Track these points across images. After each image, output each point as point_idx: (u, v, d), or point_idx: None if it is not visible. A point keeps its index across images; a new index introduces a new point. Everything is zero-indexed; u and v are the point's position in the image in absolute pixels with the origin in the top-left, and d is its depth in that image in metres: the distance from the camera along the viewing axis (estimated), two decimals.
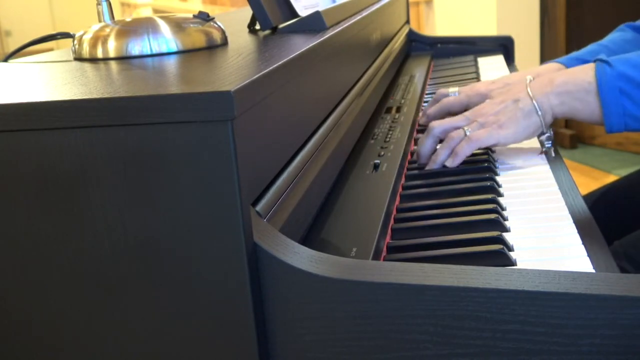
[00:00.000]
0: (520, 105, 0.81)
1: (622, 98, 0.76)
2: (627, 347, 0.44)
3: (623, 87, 0.76)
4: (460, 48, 1.67)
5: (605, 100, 0.77)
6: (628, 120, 0.77)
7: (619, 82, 0.76)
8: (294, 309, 0.48)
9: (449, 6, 3.36)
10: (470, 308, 0.45)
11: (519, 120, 0.81)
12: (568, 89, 0.80)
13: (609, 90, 0.77)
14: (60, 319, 0.51)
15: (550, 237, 0.64)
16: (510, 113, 0.82)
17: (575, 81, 0.80)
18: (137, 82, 0.52)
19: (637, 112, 0.76)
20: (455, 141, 0.83)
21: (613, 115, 0.77)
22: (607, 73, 0.77)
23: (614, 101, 0.77)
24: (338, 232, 0.62)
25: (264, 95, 0.52)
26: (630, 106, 0.76)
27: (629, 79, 0.76)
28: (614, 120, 0.78)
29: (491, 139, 0.81)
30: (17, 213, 0.49)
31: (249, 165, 0.47)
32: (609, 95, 0.77)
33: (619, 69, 0.77)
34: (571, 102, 0.80)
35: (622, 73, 0.77)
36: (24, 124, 0.48)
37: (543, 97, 0.81)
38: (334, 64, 0.79)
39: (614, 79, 0.77)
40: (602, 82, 0.77)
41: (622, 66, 0.77)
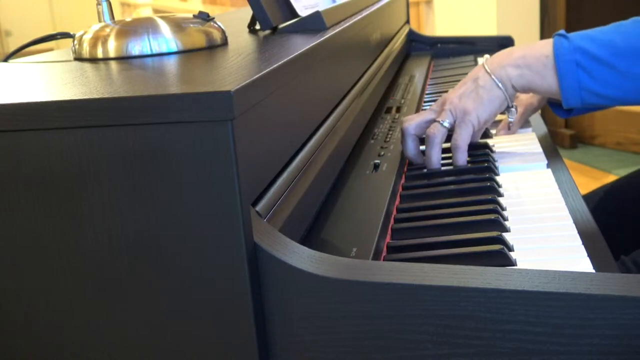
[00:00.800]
0: (480, 82, 0.82)
1: (579, 71, 0.76)
2: (627, 347, 0.44)
3: (579, 61, 0.76)
4: (460, 48, 1.67)
5: (562, 73, 0.77)
6: (584, 94, 0.77)
7: (576, 55, 0.76)
8: (294, 309, 0.48)
9: (449, 6, 3.36)
10: (470, 308, 0.45)
11: (482, 97, 0.81)
12: (526, 62, 0.80)
13: (566, 63, 0.77)
14: (60, 319, 0.51)
15: (550, 237, 0.64)
16: (473, 93, 0.82)
17: (533, 54, 0.80)
18: (137, 82, 0.52)
19: (593, 86, 0.76)
20: (437, 137, 0.82)
21: (569, 89, 0.77)
22: (564, 46, 0.77)
23: (570, 74, 0.77)
24: (338, 232, 0.62)
25: (264, 95, 0.52)
26: (587, 79, 0.76)
27: (586, 52, 0.76)
28: (570, 94, 0.77)
29: (467, 130, 0.82)
30: (17, 213, 0.49)
31: (249, 165, 0.47)
32: (566, 68, 0.77)
33: (576, 43, 0.77)
34: (529, 75, 0.80)
35: (579, 47, 0.76)
36: (24, 124, 0.48)
37: (501, 70, 0.81)
38: (334, 64, 0.79)
39: (571, 52, 0.76)
40: (558, 55, 0.77)
41: (579, 40, 0.77)
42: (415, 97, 1.16)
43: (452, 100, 0.83)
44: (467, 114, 0.81)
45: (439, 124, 0.83)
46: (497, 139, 0.97)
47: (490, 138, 0.97)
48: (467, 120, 0.82)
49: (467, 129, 0.82)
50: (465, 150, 0.83)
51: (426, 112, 0.86)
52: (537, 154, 0.88)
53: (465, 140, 0.82)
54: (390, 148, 0.86)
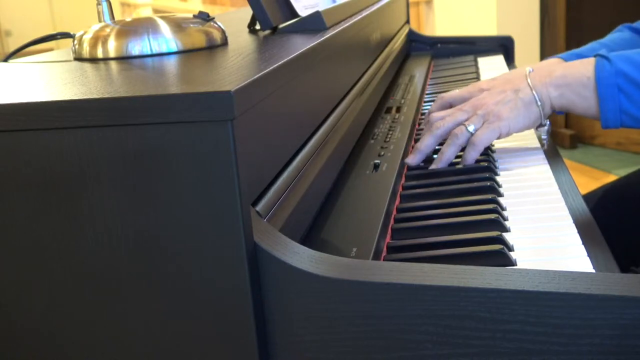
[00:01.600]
0: (520, 95, 0.81)
1: (620, 95, 0.77)
2: (627, 347, 0.44)
3: (621, 85, 0.76)
4: (460, 48, 1.67)
5: (603, 97, 0.77)
6: (624, 117, 0.77)
7: (618, 79, 0.77)
8: (294, 309, 0.48)
9: (449, 6, 3.36)
10: (470, 308, 0.45)
11: (519, 109, 0.81)
12: (567, 82, 0.80)
13: (607, 86, 0.77)
14: (60, 319, 0.51)
15: (550, 237, 0.64)
16: (511, 103, 0.82)
17: (574, 75, 0.80)
18: (137, 82, 0.52)
19: (633, 111, 0.77)
20: (459, 139, 0.82)
21: (609, 111, 0.78)
22: (606, 69, 0.77)
23: (611, 98, 0.77)
24: (338, 232, 0.62)
25: (264, 95, 0.52)
26: (627, 104, 0.77)
27: (628, 77, 0.76)
28: (610, 117, 0.78)
29: (493, 133, 0.81)
30: (17, 213, 0.49)
31: (249, 165, 0.47)
32: (607, 92, 0.77)
33: (618, 66, 0.77)
34: (569, 95, 0.80)
35: (620, 70, 0.77)
36: (24, 124, 0.48)
37: (542, 87, 0.81)
38: (334, 64, 0.79)
39: (613, 76, 0.77)
40: (600, 78, 0.77)
41: (621, 63, 0.77)
42: (415, 97, 1.16)
43: (488, 106, 0.83)
44: (500, 120, 0.81)
45: (465, 127, 0.82)
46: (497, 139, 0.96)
47: None
48: (497, 126, 0.81)
49: (492, 133, 0.81)
50: (480, 151, 0.82)
51: (458, 114, 0.85)
52: (537, 154, 0.88)
53: (486, 142, 0.82)
54: (390, 148, 0.86)
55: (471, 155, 0.82)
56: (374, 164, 0.80)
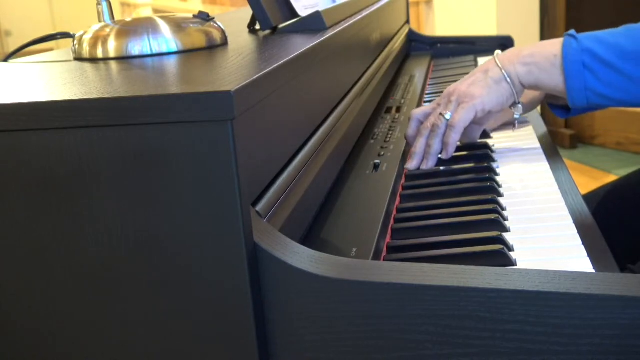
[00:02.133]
0: (489, 74, 0.83)
1: (585, 72, 0.77)
2: (627, 347, 0.44)
3: (586, 62, 0.77)
4: (460, 48, 1.67)
5: (569, 73, 0.78)
6: (589, 94, 0.78)
7: (583, 56, 0.77)
8: (294, 309, 0.48)
9: (449, 6, 3.36)
10: (470, 308, 0.45)
11: (490, 87, 0.83)
12: (535, 60, 0.81)
13: (573, 63, 0.78)
14: (60, 319, 0.51)
15: (550, 237, 0.64)
16: (482, 82, 0.83)
17: (542, 53, 0.81)
18: (137, 82, 0.52)
19: (598, 87, 0.77)
20: (440, 129, 0.83)
21: (575, 89, 0.78)
22: (573, 47, 0.78)
23: (577, 75, 0.78)
24: (338, 232, 0.62)
25: (264, 95, 0.52)
26: (592, 81, 0.77)
27: (593, 54, 0.77)
28: (576, 94, 0.79)
29: (469, 112, 0.82)
30: (17, 213, 0.49)
31: (249, 165, 0.47)
32: (572, 69, 0.78)
33: (584, 44, 0.78)
34: (537, 73, 0.81)
35: (587, 48, 0.77)
36: (24, 124, 0.48)
37: (510, 66, 0.83)
38: (334, 64, 0.79)
39: (579, 53, 0.78)
40: (566, 55, 0.78)
41: (588, 41, 0.78)
42: (415, 97, 1.16)
43: (460, 89, 0.84)
44: (474, 99, 0.82)
45: (443, 116, 0.83)
46: (497, 139, 0.97)
47: (490, 138, 0.97)
48: (471, 105, 0.82)
49: (468, 112, 0.82)
50: (460, 131, 0.82)
51: (433, 104, 0.88)
52: (537, 154, 0.88)
53: (463, 122, 0.82)
54: (390, 148, 0.86)
55: (452, 138, 0.82)
56: (374, 164, 0.80)
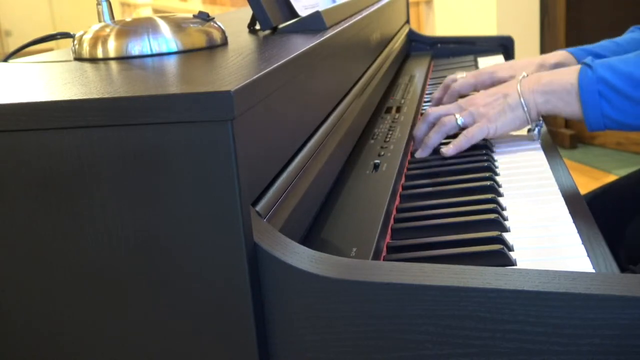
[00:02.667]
0: (508, 100, 0.88)
1: (601, 101, 0.81)
2: (627, 347, 0.44)
3: (602, 91, 0.81)
4: (460, 48, 1.67)
5: (585, 103, 0.82)
6: (607, 121, 0.82)
7: (599, 85, 0.81)
8: (294, 309, 0.48)
9: (449, 6, 3.36)
10: (470, 308, 0.45)
11: (506, 113, 0.88)
12: (553, 89, 0.86)
13: (589, 93, 0.82)
14: (60, 319, 0.51)
15: (550, 237, 0.64)
16: (499, 107, 0.88)
17: (559, 82, 0.85)
18: (137, 82, 0.52)
19: (614, 115, 0.82)
20: (446, 127, 0.89)
21: (592, 116, 0.83)
22: (589, 77, 0.82)
23: (593, 103, 0.82)
24: (338, 232, 0.62)
25: (264, 95, 0.52)
26: (608, 109, 0.81)
27: (608, 84, 0.81)
28: (593, 121, 0.83)
29: (482, 132, 0.88)
30: (17, 213, 0.49)
31: (249, 165, 0.47)
32: (589, 98, 0.82)
33: (599, 73, 0.82)
34: (554, 101, 0.86)
35: (602, 77, 0.81)
36: (24, 124, 0.48)
37: (529, 94, 0.87)
38: (334, 64, 0.79)
39: (594, 83, 0.82)
40: (583, 85, 0.83)
41: (603, 71, 0.82)
42: (415, 97, 1.16)
43: (479, 106, 0.89)
44: (489, 122, 0.88)
45: (455, 118, 0.89)
46: (498, 139, 0.97)
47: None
48: (486, 126, 0.88)
49: (481, 131, 0.88)
50: (470, 144, 0.87)
51: (451, 106, 0.93)
52: (537, 154, 0.88)
53: (474, 139, 0.88)
54: (390, 148, 0.86)
55: (462, 143, 0.87)
56: (374, 164, 0.80)
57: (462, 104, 0.91)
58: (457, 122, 0.89)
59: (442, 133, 0.89)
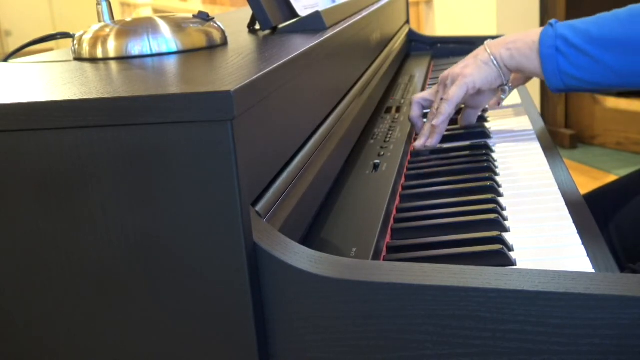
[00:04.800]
0: (479, 57, 0.93)
1: (558, 56, 0.86)
2: (627, 347, 0.44)
3: (559, 46, 0.85)
4: (460, 48, 1.67)
5: (543, 57, 0.87)
6: (564, 77, 0.86)
7: (557, 41, 0.86)
8: (294, 309, 0.48)
9: (449, 6, 3.36)
10: (470, 308, 0.45)
11: (479, 67, 0.93)
12: (517, 46, 0.91)
13: (547, 48, 0.86)
14: (60, 319, 0.51)
15: (550, 237, 0.64)
16: (472, 64, 0.94)
17: (523, 39, 0.90)
18: (137, 82, 0.52)
19: (570, 70, 0.85)
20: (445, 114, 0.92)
21: (550, 71, 0.87)
22: (549, 34, 0.87)
23: (551, 59, 0.86)
24: (338, 232, 0.62)
25: (264, 95, 0.52)
26: (565, 64, 0.85)
27: (566, 40, 0.85)
28: (551, 77, 0.87)
29: (462, 88, 0.92)
30: (17, 213, 0.49)
31: (249, 165, 0.47)
32: (547, 53, 0.86)
33: (559, 31, 0.86)
34: (518, 57, 0.90)
35: (561, 34, 0.86)
36: (24, 124, 0.48)
37: (496, 50, 0.92)
38: (333, 64, 0.79)
39: (553, 39, 0.86)
40: (543, 41, 0.87)
41: (563, 28, 0.86)
42: None
43: (453, 71, 0.94)
44: (465, 77, 0.92)
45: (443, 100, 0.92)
46: (498, 139, 0.97)
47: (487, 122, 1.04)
48: (463, 82, 0.92)
49: (460, 87, 0.92)
50: (453, 104, 0.92)
51: (433, 89, 0.97)
52: (537, 154, 0.88)
53: (457, 96, 0.91)
54: (390, 148, 0.86)
55: (446, 109, 0.92)
56: (374, 164, 0.80)
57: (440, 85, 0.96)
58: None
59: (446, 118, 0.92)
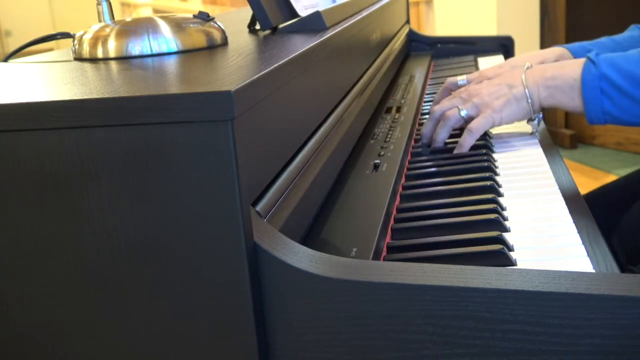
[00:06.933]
0: (513, 91, 0.89)
1: (603, 98, 0.83)
2: (627, 347, 0.44)
3: (604, 88, 0.83)
4: (460, 48, 1.67)
5: (587, 99, 0.84)
6: (607, 117, 0.84)
7: (601, 82, 0.83)
8: (294, 309, 0.48)
9: (449, 6, 3.36)
10: (470, 308, 0.45)
11: (511, 104, 0.89)
12: (556, 84, 0.87)
13: (591, 89, 0.84)
14: (60, 319, 0.51)
15: (550, 237, 0.64)
16: (504, 97, 0.89)
17: (563, 77, 0.87)
18: (137, 82, 0.52)
19: (613, 111, 0.84)
20: (450, 120, 0.91)
21: (593, 112, 0.85)
22: (592, 73, 0.84)
23: (595, 100, 0.84)
24: (338, 232, 0.62)
25: (264, 95, 0.52)
26: (609, 106, 0.83)
27: (610, 81, 0.83)
28: (594, 116, 0.85)
29: (488, 122, 0.89)
30: (17, 213, 0.49)
31: (249, 165, 0.47)
32: (591, 94, 0.84)
33: (602, 70, 0.83)
34: (557, 96, 0.88)
35: (604, 74, 0.83)
36: (24, 124, 0.48)
37: (534, 87, 0.88)
38: (334, 64, 0.79)
39: (597, 79, 0.83)
40: (585, 81, 0.84)
41: (606, 67, 0.83)
42: (415, 97, 1.16)
43: (483, 96, 0.90)
44: (493, 112, 0.89)
45: (459, 111, 0.91)
46: (498, 139, 0.97)
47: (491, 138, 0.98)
48: (490, 116, 0.89)
49: (487, 122, 0.89)
50: (476, 137, 0.89)
51: (455, 99, 0.94)
52: (537, 154, 0.88)
53: (481, 130, 0.89)
54: (390, 148, 0.86)
55: (467, 140, 0.89)
56: (374, 164, 0.80)
57: (464, 96, 0.92)
58: (460, 114, 0.90)
59: (448, 127, 0.91)
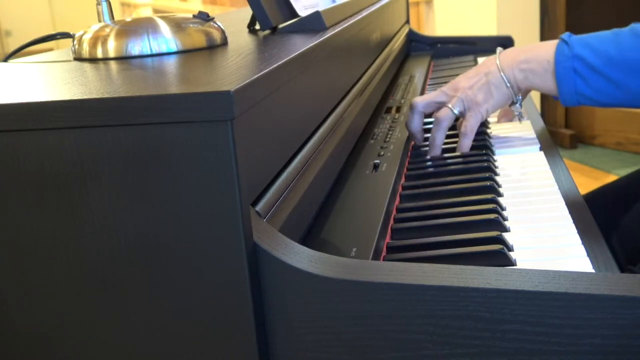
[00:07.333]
0: (490, 78, 0.89)
1: (575, 77, 0.83)
2: (627, 347, 0.44)
3: (577, 68, 0.83)
4: (460, 48, 1.67)
5: (560, 79, 0.84)
6: (580, 98, 0.84)
7: (574, 62, 0.83)
8: (293, 309, 0.48)
9: (449, 6, 3.36)
10: (470, 308, 0.45)
11: (492, 92, 0.89)
12: (530, 67, 0.87)
13: (564, 69, 0.83)
14: (60, 319, 0.51)
15: (550, 237, 0.64)
16: (484, 87, 0.89)
17: (536, 59, 0.87)
18: (137, 82, 0.52)
19: (587, 92, 0.83)
20: (445, 121, 0.89)
21: (566, 93, 0.84)
22: (565, 53, 0.84)
23: (568, 80, 0.84)
24: (338, 232, 0.62)
25: (264, 95, 0.52)
26: (582, 86, 0.83)
27: (583, 61, 0.82)
28: (567, 97, 0.85)
29: (478, 119, 0.89)
30: (17, 213, 0.49)
31: (249, 165, 0.47)
32: (564, 74, 0.84)
33: (575, 50, 0.83)
34: (532, 78, 0.87)
35: (577, 54, 0.82)
36: (24, 124, 0.48)
37: (509, 71, 0.88)
38: (333, 64, 0.79)
39: (570, 59, 0.83)
40: (558, 61, 0.84)
41: (579, 47, 0.83)
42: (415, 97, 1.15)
43: (465, 90, 0.90)
44: (478, 106, 0.89)
45: (450, 109, 0.89)
46: (497, 139, 0.97)
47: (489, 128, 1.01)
48: (477, 111, 0.89)
49: (476, 119, 0.89)
50: (472, 137, 0.89)
51: (437, 93, 0.92)
52: (537, 154, 0.88)
53: (474, 129, 0.89)
54: (390, 148, 0.86)
55: (465, 143, 0.89)
56: (374, 164, 0.80)
57: (446, 90, 0.92)
58: (453, 113, 0.89)
59: (443, 129, 0.90)
